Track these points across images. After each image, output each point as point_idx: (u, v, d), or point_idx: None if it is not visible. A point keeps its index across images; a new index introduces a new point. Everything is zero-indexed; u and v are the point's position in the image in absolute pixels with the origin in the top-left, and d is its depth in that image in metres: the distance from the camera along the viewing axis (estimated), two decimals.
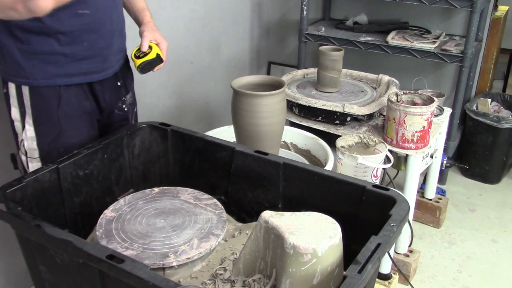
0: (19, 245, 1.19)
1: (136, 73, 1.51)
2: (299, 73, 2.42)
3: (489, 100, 2.89)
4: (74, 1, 1.24)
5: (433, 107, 1.82)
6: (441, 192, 2.55)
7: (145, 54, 1.44)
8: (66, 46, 1.30)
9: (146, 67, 1.45)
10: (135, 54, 1.46)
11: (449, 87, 2.93)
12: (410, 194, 1.92)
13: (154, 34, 1.48)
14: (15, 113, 1.35)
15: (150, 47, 1.45)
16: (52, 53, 1.29)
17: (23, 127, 1.36)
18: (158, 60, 1.46)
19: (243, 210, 1.42)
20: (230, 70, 2.89)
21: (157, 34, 1.49)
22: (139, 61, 1.44)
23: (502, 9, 3.14)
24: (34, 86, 1.31)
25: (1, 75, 1.35)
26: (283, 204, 1.35)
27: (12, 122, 1.38)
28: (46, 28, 1.25)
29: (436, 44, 2.51)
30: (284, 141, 1.91)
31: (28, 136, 1.36)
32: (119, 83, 1.51)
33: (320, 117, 2.06)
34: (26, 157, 1.38)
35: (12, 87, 1.33)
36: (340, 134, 1.94)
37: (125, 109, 1.55)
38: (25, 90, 1.32)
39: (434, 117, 1.96)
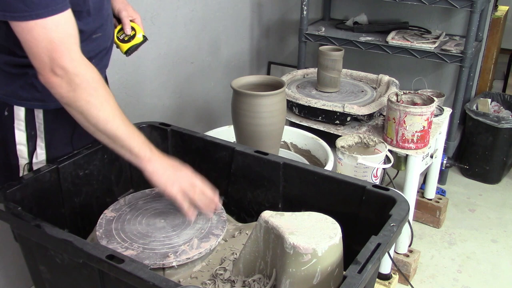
0: (19, 245, 1.19)
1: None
2: (299, 73, 2.42)
3: (489, 100, 2.89)
4: (92, 30, 1.25)
5: (433, 107, 1.82)
6: (441, 192, 2.55)
7: (130, 37, 1.44)
8: None
9: (134, 51, 1.46)
10: (118, 37, 1.44)
11: (449, 87, 2.93)
12: (410, 194, 1.92)
13: (128, 11, 1.46)
14: (20, 136, 1.30)
15: (133, 28, 1.45)
16: None
17: (33, 150, 1.32)
18: (144, 41, 1.47)
19: (243, 210, 1.42)
20: (230, 70, 2.89)
21: (130, 9, 1.47)
22: (126, 46, 1.44)
23: (502, 9, 3.14)
24: (50, 109, 1.28)
25: (1, 98, 1.27)
26: (283, 204, 1.35)
27: (10, 145, 1.31)
28: None
29: (436, 44, 2.51)
30: (284, 141, 1.91)
31: (39, 160, 1.33)
32: None
33: (320, 117, 2.06)
34: None
35: (19, 110, 1.27)
36: (340, 134, 1.94)
37: None
38: (39, 113, 1.28)
39: (434, 117, 1.96)
